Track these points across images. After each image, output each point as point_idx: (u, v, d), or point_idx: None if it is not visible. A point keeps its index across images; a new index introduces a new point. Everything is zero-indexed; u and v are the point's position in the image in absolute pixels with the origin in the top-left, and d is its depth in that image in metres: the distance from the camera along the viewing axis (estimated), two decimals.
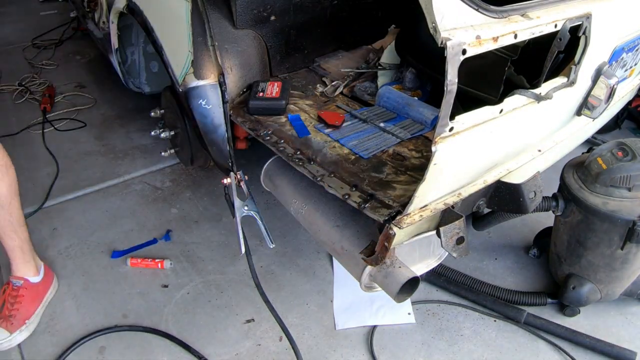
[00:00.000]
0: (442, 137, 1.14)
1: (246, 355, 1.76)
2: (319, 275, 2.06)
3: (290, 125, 1.74)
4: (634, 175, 1.66)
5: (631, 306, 1.95)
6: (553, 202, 1.79)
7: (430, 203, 1.33)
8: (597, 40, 1.41)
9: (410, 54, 1.90)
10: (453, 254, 1.38)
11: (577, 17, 1.30)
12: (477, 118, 1.22)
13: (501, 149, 1.44)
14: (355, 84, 2.00)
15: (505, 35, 1.14)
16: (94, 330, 1.80)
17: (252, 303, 1.91)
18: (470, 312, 1.92)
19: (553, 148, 1.70)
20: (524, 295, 1.93)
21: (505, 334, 1.85)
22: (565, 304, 1.88)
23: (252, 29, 1.83)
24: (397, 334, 1.84)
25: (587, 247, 1.76)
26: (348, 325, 1.86)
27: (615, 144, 1.76)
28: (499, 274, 2.08)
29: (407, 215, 1.28)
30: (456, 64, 1.04)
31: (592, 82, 1.54)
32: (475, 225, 2.06)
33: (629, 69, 1.83)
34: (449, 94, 1.05)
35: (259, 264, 2.07)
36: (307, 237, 2.20)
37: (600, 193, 1.70)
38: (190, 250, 2.16)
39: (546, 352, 1.79)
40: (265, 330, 1.83)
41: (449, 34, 1.03)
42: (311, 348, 1.78)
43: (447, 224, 1.35)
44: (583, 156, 1.87)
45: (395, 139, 1.68)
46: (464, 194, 1.41)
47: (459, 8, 1.07)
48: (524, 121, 1.41)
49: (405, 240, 1.37)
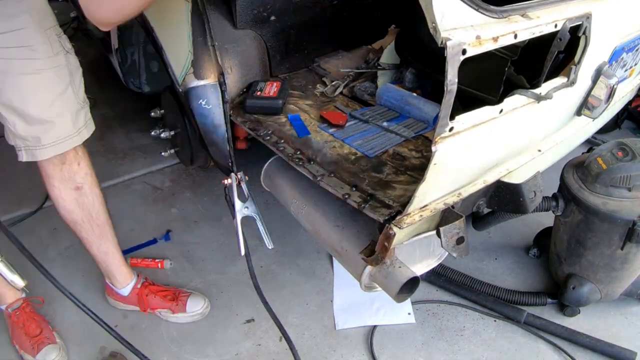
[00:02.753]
0: (442, 137, 1.14)
1: (246, 355, 1.76)
2: (319, 275, 2.06)
3: (290, 125, 1.74)
4: (634, 175, 1.66)
5: (631, 306, 1.95)
6: (553, 202, 1.79)
7: (430, 203, 1.33)
8: (597, 40, 1.41)
9: (410, 54, 1.90)
10: (453, 254, 1.38)
11: (577, 17, 1.30)
12: (477, 118, 1.22)
13: (501, 149, 1.44)
14: (355, 84, 2.00)
15: (505, 35, 1.14)
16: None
17: (252, 303, 1.91)
18: (470, 312, 1.92)
19: (553, 148, 1.70)
20: (524, 295, 1.93)
21: (505, 334, 1.85)
22: (565, 304, 1.88)
23: (252, 29, 1.83)
24: (397, 334, 1.84)
25: (587, 247, 1.76)
26: (348, 325, 1.86)
27: (615, 144, 1.76)
28: (499, 274, 2.08)
29: (407, 215, 1.27)
30: (456, 64, 1.04)
31: (592, 82, 1.54)
32: (475, 225, 2.06)
33: (629, 69, 1.83)
34: (449, 94, 1.05)
35: (259, 264, 2.07)
36: (307, 237, 2.19)
37: (600, 193, 1.70)
38: (190, 250, 2.16)
39: (546, 352, 1.79)
40: (265, 330, 1.83)
41: (449, 34, 1.02)
42: (311, 348, 1.78)
43: (447, 224, 1.35)
44: (583, 156, 1.86)
45: (399, 138, 1.68)
46: (464, 194, 1.41)
47: (459, 8, 1.07)
48: (524, 121, 1.41)
49: (405, 240, 1.37)
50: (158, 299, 1.86)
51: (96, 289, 1.97)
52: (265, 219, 1.51)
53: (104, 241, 1.75)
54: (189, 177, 2.57)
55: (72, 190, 1.60)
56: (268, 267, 2.08)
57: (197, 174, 2.59)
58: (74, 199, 1.62)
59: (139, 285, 1.87)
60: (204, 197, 2.43)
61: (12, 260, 1.21)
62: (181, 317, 1.86)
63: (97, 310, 1.88)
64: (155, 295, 1.86)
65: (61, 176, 1.57)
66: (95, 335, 1.79)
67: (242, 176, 1.55)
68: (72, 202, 1.62)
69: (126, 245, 2.13)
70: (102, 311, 1.89)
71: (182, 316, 1.86)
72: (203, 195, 2.45)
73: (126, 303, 1.89)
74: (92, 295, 1.94)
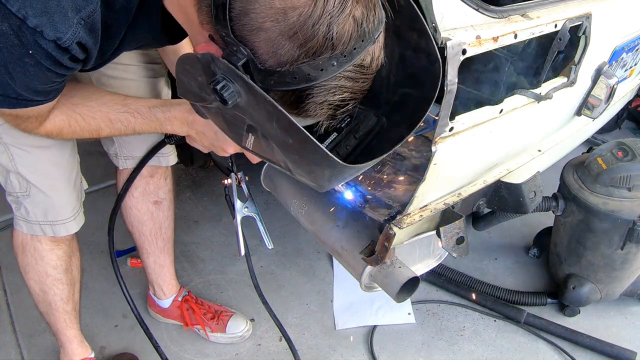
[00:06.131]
0: (442, 137, 1.14)
1: (246, 355, 1.76)
2: (319, 275, 2.06)
3: None
4: (634, 175, 1.66)
5: (631, 306, 1.95)
6: (553, 202, 1.79)
7: (430, 203, 1.33)
8: (597, 40, 1.40)
9: None
10: (453, 254, 1.37)
11: (577, 17, 1.30)
12: (477, 118, 1.22)
13: (501, 149, 1.44)
14: None
15: (505, 35, 1.14)
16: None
17: (252, 303, 1.91)
18: (470, 312, 1.92)
19: (553, 148, 1.70)
20: (524, 295, 1.93)
21: (505, 334, 1.85)
22: (565, 304, 1.88)
23: None
24: (397, 334, 1.84)
25: (587, 247, 1.76)
26: (348, 325, 1.86)
27: (615, 144, 1.76)
28: (499, 274, 2.08)
29: (407, 215, 1.27)
30: (456, 64, 1.04)
31: (592, 82, 1.54)
32: (475, 225, 2.06)
33: (629, 69, 1.82)
34: (449, 94, 1.05)
35: (259, 264, 2.07)
36: (307, 237, 2.19)
37: (600, 193, 1.70)
38: (190, 250, 2.16)
39: (546, 352, 1.79)
40: (265, 330, 1.83)
41: (449, 34, 1.02)
42: (311, 348, 1.78)
43: (447, 224, 1.35)
44: (583, 156, 1.86)
45: None
46: (464, 194, 1.41)
47: (459, 8, 1.07)
48: (524, 121, 1.41)
49: (405, 240, 1.37)
50: (198, 315, 1.79)
51: (96, 289, 1.98)
52: (265, 219, 1.51)
53: (163, 255, 1.73)
54: (189, 177, 2.57)
55: (151, 203, 1.61)
56: (268, 267, 2.08)
57: (197, 174, 2.58)
58: (150, 212, 1.62)
59: (179, 298, 1.81)
60: (204, 197, 2.43)
61: None
62: (220, 337, 1.79)
63: (97, 310, 1.90)
64: (195, 310, 1.80)
65: (145, 188, 1.58)
66: (95, 335, 1.79)
67: (242, 176, 1.55)
68: (147, 214, 1.62)
69: (126, 245, 2.13)
70: (101, 311, 1.89)
71: (220, 336, 1.79)
72: (203, 195, 2.45)
73: (167, 317, 1.84)
74: (92, 294, 1.94)
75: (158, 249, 1.71)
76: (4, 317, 1.86)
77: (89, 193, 2.43)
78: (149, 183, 1.58)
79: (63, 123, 1.00)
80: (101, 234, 2.21)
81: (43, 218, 1.32)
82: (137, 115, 1.06)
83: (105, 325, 1.84)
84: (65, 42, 0.76)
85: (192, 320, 1.79)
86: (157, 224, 1.66)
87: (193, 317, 1.79)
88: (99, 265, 2.06)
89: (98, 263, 2.07)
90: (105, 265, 2.06)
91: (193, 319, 1.79)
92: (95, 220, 2.29)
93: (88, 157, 2.67)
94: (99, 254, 2.11)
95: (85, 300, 1.93)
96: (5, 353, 1.74)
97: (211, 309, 1.82)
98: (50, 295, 1.48)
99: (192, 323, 1.79)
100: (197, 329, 1.80)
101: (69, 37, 0.76)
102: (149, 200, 1.60)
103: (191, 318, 1.79)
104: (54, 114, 0.98)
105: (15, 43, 0.74)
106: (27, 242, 1.39)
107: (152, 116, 1.07)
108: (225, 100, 0.72)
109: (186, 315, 1.79)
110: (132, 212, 1.62)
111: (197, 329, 1.80)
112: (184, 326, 1.81)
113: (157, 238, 1.69)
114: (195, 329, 1.81)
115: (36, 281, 1.45)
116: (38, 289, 1.46)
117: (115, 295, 1.94)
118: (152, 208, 1.62)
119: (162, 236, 1.69)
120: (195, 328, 1.80)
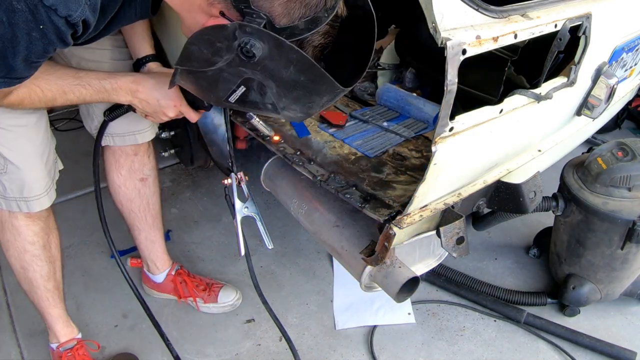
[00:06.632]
0: (442, 137, 1.14)
1: (246, 355, 1.76)
2: (319, 275, 2.06)
3: (290, 125, 1.74)
4: (634, 175, 1.66)
5: (631, 306, 1.95)
6: (553, 202, 1.79)
7: (430, 203, 1.33)
8: (597, 40, 1.41)
9: (410, 54, 1.90)
10: (453, 254, 1.37)
11: (577, 17, 1.30)
12: (477, 118, 1.22)
13: (501, 149, 1.44)
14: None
15: (505, 35, 1.14)
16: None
17: (252, 303, 1.91)
18: (470, 312, 1.92)
19: (553, 148, 1.70)
20: (524, 295, 1.93)
21: (505, 334, 1.85)
22: (565, 304, 1.88)
23: None
24: (397, 334, 1.84)
25: (587, 247, 1.76)
26: (348, 325, 1.86)
27: (615, 144, 1.76)
28: (499, 274, 2.08)
29: (407, 215, 1.27)
30: (456, 64, 1.04)
31: (592, 82, 1.54)
32: (475, 225, 2.06)
33: (629, 69, 1.83)
34: (449, 94, 1.05)
35: (259, 264, 2.07)
36: (307, 237, 2.20)
37: (600, 193, 1.70)
38: (190, 250, 2.16)
39: (546, 352, 1.79)
40: (265, 330, 1.83)
41: (449, 34, 1.02)
42: (311, 348, 1.78)
43: (447, 224, 1.35)
44: (583, 156, 1.86)
45: (399, 138, 1.68)
46: (464, 194, 1.41)
47: (459, 8, 1.07)
48: (524, 121, 1.41)
49: (405, 240, 1.37)
50: (191, 287, 1.88)
51: (96, 289, 1.98)
52: (265, 219, 1.51)
53: (153, 230, 1.81)
54: (189, 177, 2.57)
55: (138, 180, 1.69)
56: (268, 267, 2.08)
57: (197, 174, 2.59)
58: (137, 189, 1.70)
59: (172, 272, 1.90)
60: (204, 197, 2.43)
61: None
62: (212, 307, 1.89)
63: (97, 310, 1.90)
64: (188, 283, 1.88)
65: (131, 166, 1.66)
66: (95, 335, 1.79)
67: (242, 176, 1.55)
68: (134, 191, 1.70)
69: (126, 245, 2.12)
70: (101, 311, 1.89)
71: (213, 306, 1.89)
72: (203, 195, 2.45)
73: (161, 291, 1.92)
74: (92, 294, 1.94)
75: (148, 225, 1.79)
76: (4, 317, 1.86)
77: (89, 193, 2.44)
78: (133, 161, 1.66)
79: (24, 95, 1.11)
80: (100, 234, 2.21)
81: (19, 194, 1.38)
82: (88, 87, 1.19)
83: (105, 325, 1.84)
84: (74, 18, 0.91)
85: (185, 293, 1.88)
86: (144, 201, 1.74)
87: (186, 289, 1.88)
88: (99, 265, 2.06)
89: (98, 263, 2.07)
90: (106, 265, 2.06)
91: (186, 292, 1.88)
92: (95, 220, 2.30)
93: (88, 157, 2.67)
94: (99, 254, 2.11)
95: (85, 300, 1.94)
96: (5, 353, 1.74)
97: (203, 282, 1.92)
98: (30, 272, 1.53)
99: (185, 295, 1.88)
100: (189, 301, 1.88)
101: (78, 14, 0.91)
102: (135, 177, 1.68)
103: (184, 290, 1.88)
104: (17, 88, 1.07)
105: (28, 19, 0.87)
106: (5, 219, 1.45)
107: (101, 87, 1.20)
108: (253, 55, 0.90)
109: (179, 288, 1.88)
110: (121, 190, 1.70)
111: (190, 301, 1.88)
112: (177, 299, 1.90)
113: (146, 214, 1.77)
114: (189, 301, 1.89)
115: (16, 258, 1.51)
116: (19, 265, 1.52)
117: (116, 295, 1.94)
118: (139, 185, 1.70)
119: (150, 212, 1.77)
120: (188, 300, 1.88)
